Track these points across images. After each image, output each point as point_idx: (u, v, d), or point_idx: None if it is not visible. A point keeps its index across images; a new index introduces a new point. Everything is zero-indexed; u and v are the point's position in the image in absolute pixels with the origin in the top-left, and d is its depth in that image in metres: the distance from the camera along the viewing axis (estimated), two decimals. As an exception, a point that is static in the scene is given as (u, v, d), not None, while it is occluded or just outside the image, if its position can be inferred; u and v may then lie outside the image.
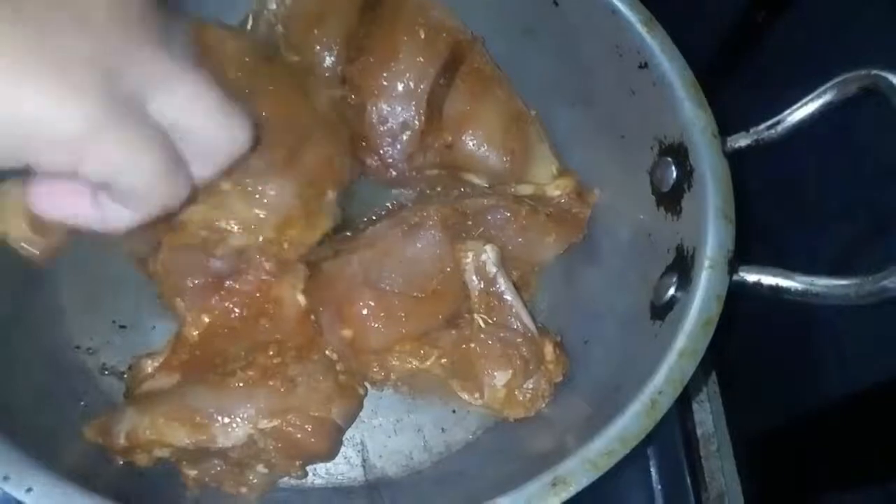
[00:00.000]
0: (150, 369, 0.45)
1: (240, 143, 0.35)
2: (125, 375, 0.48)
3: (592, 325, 0.49)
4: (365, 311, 0.44)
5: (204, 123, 0.33)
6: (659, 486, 0.57)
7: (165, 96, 0.31)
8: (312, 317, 0.46)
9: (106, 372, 0.48)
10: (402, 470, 0.48)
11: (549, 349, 0.47)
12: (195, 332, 0.45)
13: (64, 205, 0.33)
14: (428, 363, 0.46)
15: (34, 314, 0.47)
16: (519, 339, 0.46)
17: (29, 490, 0.33)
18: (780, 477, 0.65)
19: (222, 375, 0.43)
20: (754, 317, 0.60)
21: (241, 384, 0.42)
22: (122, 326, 0.49)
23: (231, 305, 0.45)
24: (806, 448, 0.65)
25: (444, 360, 0.46)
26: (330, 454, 0.46)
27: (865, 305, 0.37)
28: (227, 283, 0.45)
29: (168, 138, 0.32)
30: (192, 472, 0.44)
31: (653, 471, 0.57)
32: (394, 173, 0.52)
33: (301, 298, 0.46)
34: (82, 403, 0.46)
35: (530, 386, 0.46)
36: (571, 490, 0.35)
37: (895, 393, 0.56)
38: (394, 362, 0.45)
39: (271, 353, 0.44)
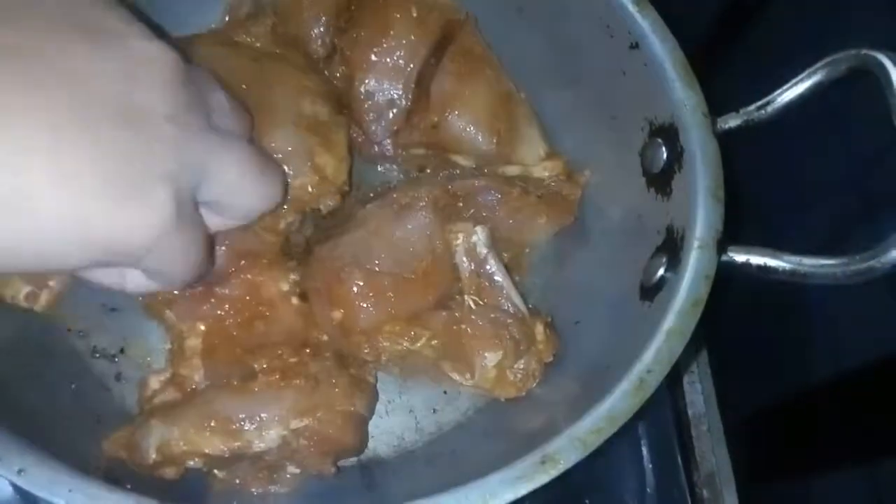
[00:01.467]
0: (157, 385, 0.44)
1: (275, 199, 0.36)
2: (115, 358, 0.48)
3: (583, 306, 0.50)
4: (354, 290, 0.44)
5: (249, 193, 0.34)
6: (650, 466, 0.57)
7: (215, 178, 0.31)
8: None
9: (97, 355, 0.48)
10: (394, 450, 0.48)
11: (539, 329, 0.47)
12: (198, 342, 0.44)
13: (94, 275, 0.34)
14: (418, 344, 0.46)
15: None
16: (509, 320, 0.46)
17: (20, 471, 0.33)
18: (770, 457, 0.65)
19: (242, 381, 0.43)
20: (746, 297, 0.61)
21: (265, 387, 0.42)
22: (113, 309, 0.48)
23: (224, 313, 0.44)
24: (796, 428, 0.66)
25: (434, 342, 0.46)
26: (360, 447, 0.46)
27: (855, 285, 0.38)
28: (216, 289, 0.44)
29: (204, 221, 0.33)
30: (221, 475, 0.44)
31: (644, 450, 0.58)
32: (377, 149, 0.51)
33: (294, 300, 0.46)
34: (73, 386, 0.46)
35: (521, 366, 0.46)
36: (560, 467, 0.35)
37: (884, 373, 0.56)
38: (384, 344, 0.45)
39: (281, 353, 0.44)
